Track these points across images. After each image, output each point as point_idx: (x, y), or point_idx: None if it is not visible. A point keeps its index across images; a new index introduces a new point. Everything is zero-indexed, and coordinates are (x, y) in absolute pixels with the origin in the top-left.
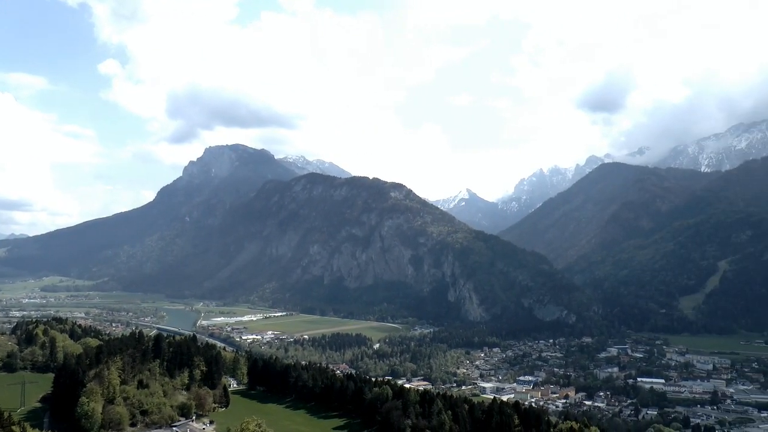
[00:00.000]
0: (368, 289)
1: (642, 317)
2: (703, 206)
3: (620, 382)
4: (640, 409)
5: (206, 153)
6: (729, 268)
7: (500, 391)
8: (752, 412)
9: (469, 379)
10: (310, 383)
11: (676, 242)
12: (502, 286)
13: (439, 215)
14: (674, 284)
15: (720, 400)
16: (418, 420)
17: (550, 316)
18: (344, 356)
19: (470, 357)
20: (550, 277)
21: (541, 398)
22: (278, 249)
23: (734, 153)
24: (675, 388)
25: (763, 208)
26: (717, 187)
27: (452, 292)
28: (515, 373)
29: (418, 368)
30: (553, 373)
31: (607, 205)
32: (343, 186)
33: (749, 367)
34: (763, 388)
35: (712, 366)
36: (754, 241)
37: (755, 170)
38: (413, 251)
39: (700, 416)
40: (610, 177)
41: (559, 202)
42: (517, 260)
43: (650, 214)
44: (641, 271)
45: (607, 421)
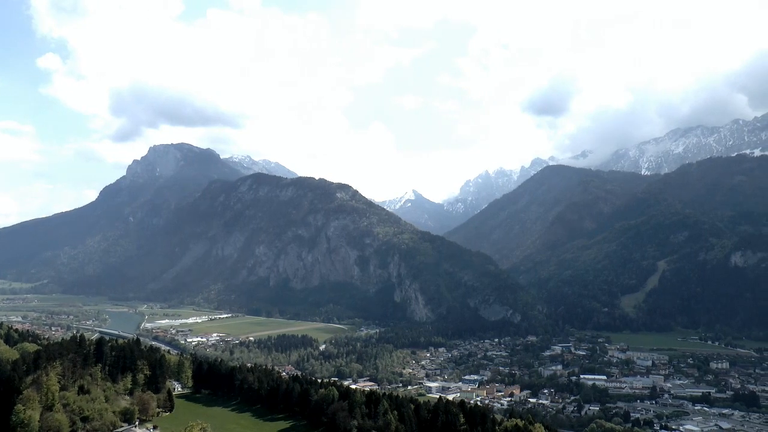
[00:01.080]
0: (314, 290)
1: (585, 316)
2: (643, 208)
3: (564, 379)
4: (582, 405)
5: (151, 152)
6: (667, 267)
7: (446, 391)
8: (687, 406)
9: (415, 379)
10: (256, 385)
11: (618, 243)
12: (448, 286)
13: (386, 216)
14: (616, 283)
15: (658, 394)
16: (364, 420)
17: (495, 316)
18: (290, 358)
19: (416, 357)
20: (496, 278)
21: (486, 397)
22: (224, 250)
23: (672, 157)
24: (616, 384)
25: (698, 210)
26: (656, 189)
27: (398, 292)
28: (461, 373)
29: (365, 369)
30: (499, 371)
31: (551, 206)
32: (290, 186)
33: (685, 362)
34: (697, 383)
35: (651, 362)
36: (690, 242)
37: (691, 174)
38: (359, 252)
39: (639, 411)
40: (555, 179)
41: (505, 204)
42: (463, 261)
43: (593, 216)
44: (585, 271)
45: (551, 417)
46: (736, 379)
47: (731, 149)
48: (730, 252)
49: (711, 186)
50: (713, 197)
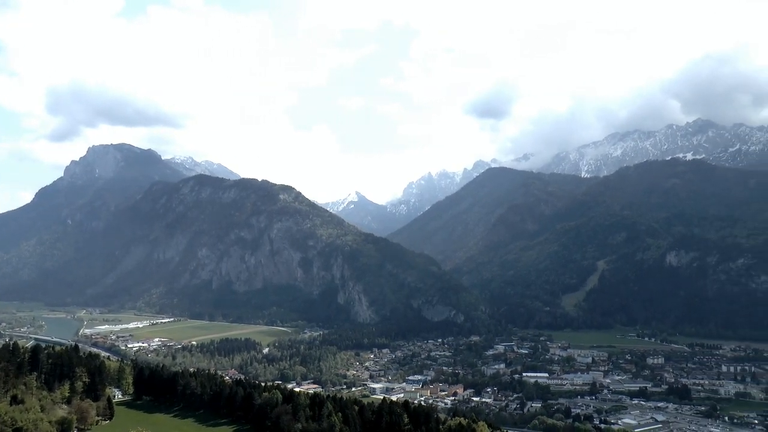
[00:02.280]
0: (257, 292)
1: (527, 315)
2: (583, 210)
3: (507, 377)
4: (525, 403)
5: (90, 152)
6: (606, 267)
7: (390, 391)
8: (625, 400)
9: (359, 380)
10: (199, 390)
11: (559, 243)
12: (392, 287)
13: (329, 218)
14: (557, 283)
15: (598, 390)
16: (308, 423)
17: (438, 317)
18: (233, 362)
19: (360, 358)
20: (439, 279)
21: (430, 396)
22: (166, 253)
23: (611, 160)
24: (558, 381)
25: (636, 211)
26: (596, 191)
27: (342, 294)
28: (405, 373)
29: (308, 371)
30: (442, 371)
31: (493, 208)
32: (232, 188)
33: (623, 359)
34: (634, 378)
35: (591, 359)
36: (629, 243)
37: (629, 176)
38: (303, 254)
39: (580, 406)
40: (497, 181)
41: (448, 206)
42: (406, 262)
43: (535, 217)
44: (526, 272)
45: (494, 415)
46: (670, 373)
47: (666, 153)
48: (665, 252)
49: (647, 188)
50: (649, 199)
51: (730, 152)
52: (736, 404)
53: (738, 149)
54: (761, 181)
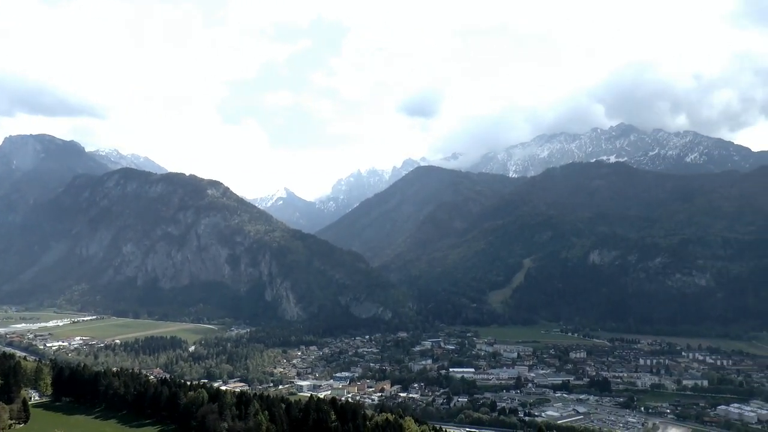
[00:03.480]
0: (184, 289)
1: (455, 312)
2: (510, 209)
3: (434, 373)
4: (452, 397)
5: (6, 143)
6: (532, 265)
7: (317, 389)
8: (549, 393)
9: (287, 378)
10: (122, 390)
11: (487, 242)
12: (320, 284)
13: (257, 214)
14: (484, 280)
15: (523, 384)
16: (234, 422)
17: (366, 313)
18: (158, 360)
19: (287, 356)
20: (367, 276)
21: (357, 393)
22: (88, 248)
23: (538, 161)
24: (484, 376)
25: (561, 211)
26: (523, 191)
27: (269, 291)
28: (332, 370)
29: (235, 369)
30: (370, 368)
31: (422, 206)
32: (159, 182)
33: (547, 353)
34: (558, 372)
35: (516, 354)
36: (554, 241)
37: (555, 177)
38: (230, 250)
39: (505, 400)
40: (426, 179)
41: (376, 203)
42: (335, 259)
43: (463, 216)
44: (454, 269)
45: (421, 410)
46: (592, 367)
47: (590, 155)
48: (588, 250)
49: (572, 189)
50: (574, 199)
51: (650, 156)
52: (651, 395)
53: (657, 153)
54: (677, 184)
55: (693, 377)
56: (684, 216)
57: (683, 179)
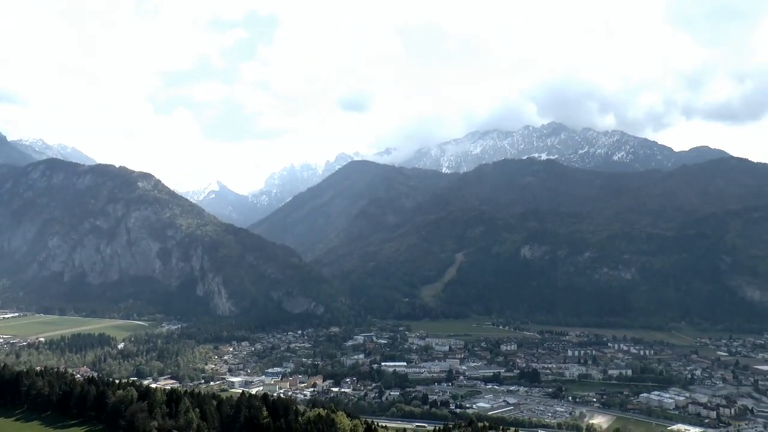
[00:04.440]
0: (113, 285)
1: (387, 306)
2: (443, 204)
3: (366, 367)
4: (384, 391)
5: None
6: (464, 259)
7: (249, 385)
8: (480, 385)
9: (218, 374)
10: (46, 391)
11: (419, 236)
12: (252, 279)
13: (189, 207)
14: (417, 275)
15: (454, 377)
16: (164, 421)
17: (299, 308)
18: (85, 359)
19: (219, 352)
20: (300, 270)
21: (289, 389)
22: (11, 242)
23: (471, 157)
24: (416, 370)
25: (493, 207)
26: (455, 187)
27: (201, 286)
28: (264, 366)
29: (166, 367)
30: (302, 363)
31: (355, 200)
32: (87, 174)
33: (479, 346)
34: (489, 364)
35: (448, 348)
36: (486, 236)
37: (487, 173)
38: (161, 244)
39: (437, 393)
40: (359, 174)
41: (310, 197)
42: (267, 253)
43: (396, 210)
44: (387, 264)
45: (353, 405)
46: (522, 359)
47: (522, 152)
48: (520, 245)
49: (504, 185)
50: (506, 195)
51: (580, 154)
52: (579, 385)
53: (587, 151)
54: (605, 181)
55: (618, 367)
56: (611, 212)
57: (611, 177)
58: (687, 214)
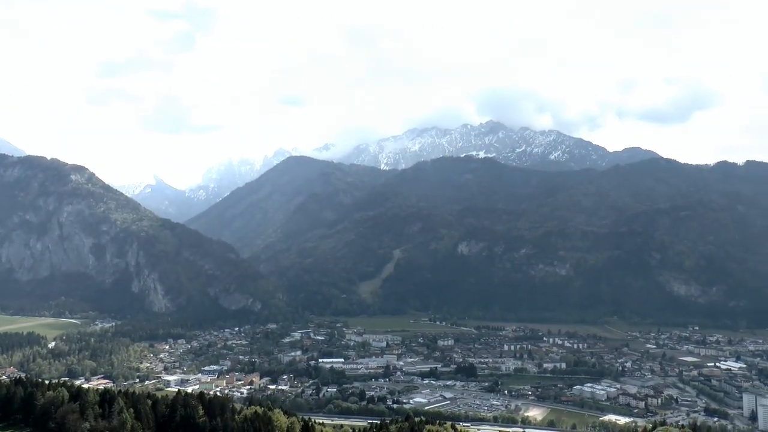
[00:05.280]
0: (44, 281)
1: (325, 302)
2: (381, 200)
3: (303, 364)
4: (321, 388)
5: None
6: (402, 256)
7: (185, 383)
8: (417, 380)
9: (154, 373)
10: None
11: (357, 233)
12: (188, 275)
13: (124, 202)
14: (354, 271)
15: (391, 372)
16: (97, 422)
17: (236, 305)
18: (12, 359)
19: (155, 350)
20: (237, 266)
21: (226, 387)
22: None
23: (409, 154)
24: (353, 366)
25: (431, 203)
26: (394, 183)
27: (136, 282)
28: (200, 364)
29: (99, 366)
30: (239, 360)
31: (293, 196)
32: (16, 166)
33: (416, 342)
34: (426, 359)
35: (385, 343)
36: (423, 233)
37: (426, 170)
38: (95, 240)
39: (374, 389)
40: (297, 170)
41: (247, 192)
42: (204, 249)
43: (334, 207)
44: (324, 260)
45: (290, 402)
46: (459, 354)
47: (461, 150)
48: (457, 242)
49: (442, 182)
50: (444, 193)
51: (517, 152)
52: (514, 378)
53: (524, 150)
54: (541, 180)
55: (553, 360)
56: (547, 210)
57: (547, 175)
58: (619, 212)
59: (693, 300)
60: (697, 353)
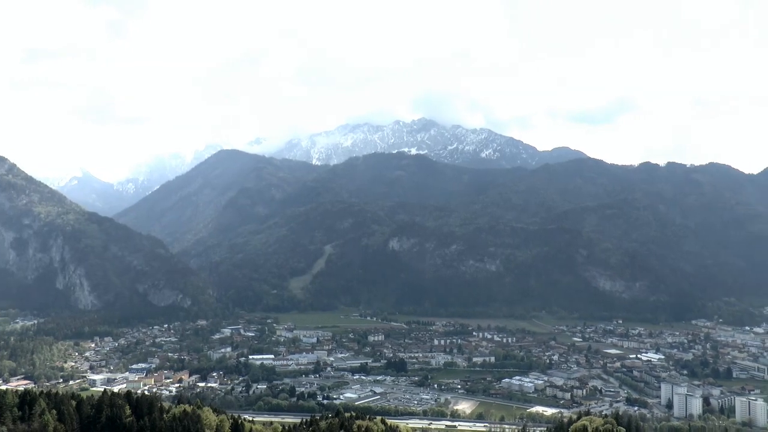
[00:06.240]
0: None
1: (255, 298)
2: (313, 196)
3: (233, 361)
4: (251, 385)
5: None
6: (333, 251)
7: (112, 382)
8: (348, 376)
9: (78, 372)
10: None
11: (289, 228)
12: (117, 271)
13: (49, 194)
14: (286, 267)
15: (322, 368)
16: (16, 425)
17: (165, 301)
18: None
19: (80, 348)
20: (167, 261)
21: (154, 385)
22: None
23: (341, 150)
24: (283, 362)
25: (363, 199)
26: (326, 179)
27: (61, 278)
28: (128, 362)
29: (19, 366)
30: (168, 358)
31: (224, 190)
32: None
33: (347, 337)
34: (357, 355)
35: (316, 339)
36: (355, 228)
37: (357, 166)
38: (16, 234)
39: (305, 385)
40: (229, 164)
41: (178, 186)
42: (133, 244)
43: (265, 201)
44: (256, 255)
45: (219, 400)
46: (389, 349)
47: (393, 147)
48: (388, 238)
49: (374, 178)
50: (376, 188)
51: (449, 150)
52: (444, 372)
53: (455, 148)
54: (472, 177)
55: (482, 354)
56: (478, 207)
57: (478, 173)
58: (548, 210)
59: (617, 295)
60: (621, 346)
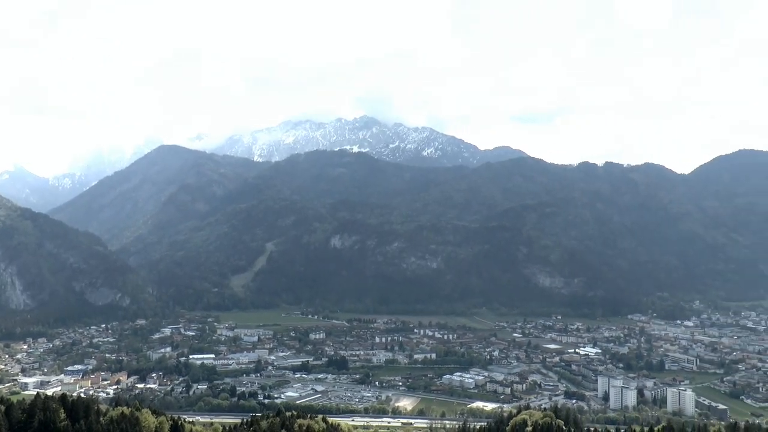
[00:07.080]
0: None
1: (196, 297)
2: (254, 193)
3: (173, 361)
4: (191, 385)
5: None
6: (275, 249)
7: (45, 385)
8: (289, 375)
9: (9, 375)
10: None
11: (230, 225)
12: (51, 269)
13: None
14: (227, 264)
15: (263, 367)
16: None
17: (103, 300)
18: None
19: (11, 350)
20: (105, 259)
21: (91, 387)
22: None
23: (283, 147)
24: (224, 362)
25: (305, 196)
26: (267, 176)
27: None
28: (63, 364)
29: None
30: (105, 359)
31: (164, 186)
32: None
33: (288, 336)
34: (298, 353)
35: (257, 338)
36: (296, 226)
37: (300, 163)
38: None
39: (245, 384)
40: (169, 159)
41: (117, 181)
42: (69, 241)
43: (206, 198)
44: (196, 253)
45: (158, 401)
46: (331, 347)
47: (335, 144)
48: (330, 235)
49: (316, 176)
50: (318, 186)
51: (391, 148)
52: (386, 370)
53: (397, 146)
54: (414, 175)
55: (423, 351)
56: (420, 205)
57: (420, 171)
58: (490, 208)
59: (557, 291)
60: (560, 341)
